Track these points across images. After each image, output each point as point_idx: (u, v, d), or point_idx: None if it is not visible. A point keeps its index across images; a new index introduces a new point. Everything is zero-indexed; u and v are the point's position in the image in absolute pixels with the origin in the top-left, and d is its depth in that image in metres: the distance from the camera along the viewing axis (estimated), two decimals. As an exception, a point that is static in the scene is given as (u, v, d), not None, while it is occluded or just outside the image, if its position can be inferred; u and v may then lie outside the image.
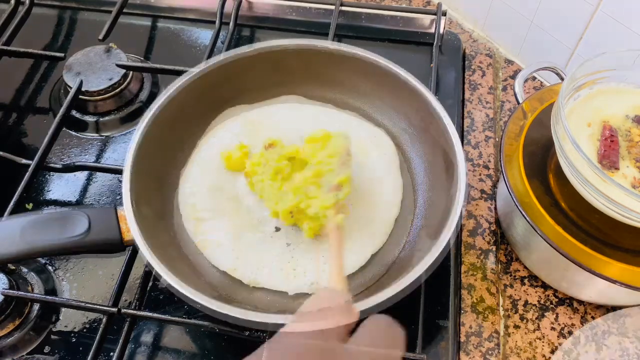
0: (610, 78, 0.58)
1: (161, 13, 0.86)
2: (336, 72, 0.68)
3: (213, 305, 0.49)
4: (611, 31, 0.66)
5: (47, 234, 0.53)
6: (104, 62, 0.76)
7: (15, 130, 0.75)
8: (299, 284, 0.57)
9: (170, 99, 0.62)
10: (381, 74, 0.65)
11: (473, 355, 0.57)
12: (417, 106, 0.63)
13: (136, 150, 0.59)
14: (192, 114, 0.66)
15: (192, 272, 0.58)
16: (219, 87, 0.67)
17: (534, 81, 0.78)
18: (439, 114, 0.60)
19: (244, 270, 0.58)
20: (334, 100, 0.70)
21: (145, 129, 0.60)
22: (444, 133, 0.60)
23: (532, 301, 0.61)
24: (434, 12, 0.79)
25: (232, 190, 0.63)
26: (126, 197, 0.55)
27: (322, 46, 0.67)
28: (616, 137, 0.54)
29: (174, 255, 0.57)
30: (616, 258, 0.52)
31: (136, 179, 0.57)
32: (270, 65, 0.68)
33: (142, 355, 0.57)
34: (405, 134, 0.67)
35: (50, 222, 0.54)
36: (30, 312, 0.59)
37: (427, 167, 0.64)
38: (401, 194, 0.63)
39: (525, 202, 0.55)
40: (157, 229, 0.58)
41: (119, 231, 0.55)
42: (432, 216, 0.60)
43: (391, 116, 0.68)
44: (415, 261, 0.52)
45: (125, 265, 0.58)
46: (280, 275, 0.58)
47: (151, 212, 0.58)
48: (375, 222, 0.61)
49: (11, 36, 0.77)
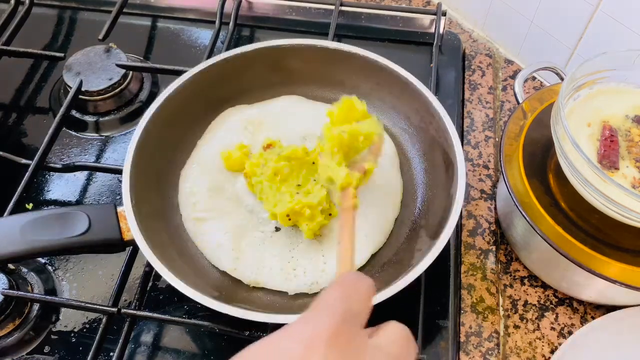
0: (610, 78, 0.58)
1: (161, 13, 0.86)
2: (336, 71, 0.68)
3: (213, 305, 0.49)
4: (611, 31, 0.66)
5: (47, 233, 0.53)
6: (103, 62, 0.76)
7: (15, 130, 0.75)
8: (298, 284, 0.57)
9: (170, 98, 0.63)
10: (381, 74, 0.65)
11: (473, 355, 0.57)
12: (417, 106, 0.63)
13: (136, 148, 0.59)
14: (192, 113, 0.66)
15: (193, 272, 0.57)
16: (219, 87, 0.67)
17: (534, 81, 0.78)
18: (439, 113, 0.60)
19: (243, 270, 0.58)
20: (333, 100, 0.69)
21: (146, 128, 0.60)
22: (443, 132, 0.60)
23: (532, 301, 0.61)
24: (434, 12, 0.79)
25: (232, 190, 0.63)
26: (126, 195, 0.55)
27: (322, 45, 0.67)
28: (616, 137, 0.54)
29: (173, 255, 0.57)
30: (616, 258, 0.52)
31: (136, 177, 0.57)
32: (270, 64, 0.68)
33: (142, 355, 0.57)
34: (405, 134, 0.67)
35: (51, 221, 0.54)
36: (30, 312, 0.59)
37: (427, 167, 0.64)
38: (401, 194, 0.64)
39: (525, 202, 0.55)
40: (157, 229, 0.58)
41: (119, 230, 0.55)
42: (431, 216, 0.60)
43: (391, 116, 0.68)
44: (415, 261, 0.53)
45: (125, 265, 0.58)
46: (281, 275, 0.58)
47: (151, 211, 0.58)
48: (375, 222, 0.61)
49: (11, 36, 0.77)
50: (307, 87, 0.70)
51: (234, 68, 0.66)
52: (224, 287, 0.58)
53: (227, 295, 0.56)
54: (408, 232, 0.61)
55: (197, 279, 0.56)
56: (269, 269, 0.58)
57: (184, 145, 0.66)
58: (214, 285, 0.57)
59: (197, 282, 0.55)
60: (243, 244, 0.59)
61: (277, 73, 0.69)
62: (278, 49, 0.67)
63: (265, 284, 0.58)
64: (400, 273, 0.52)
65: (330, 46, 0.67)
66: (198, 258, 0.60)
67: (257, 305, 0.56)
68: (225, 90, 0.67)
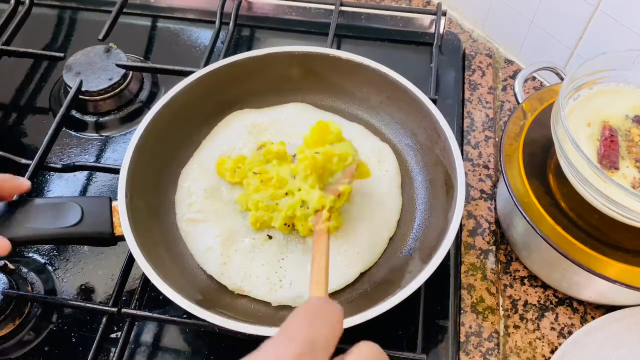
0: (610, 78, 0.58)
1: (161, 13, 0.86)
2: (347, 82, 0.67)
3: (191, 308, 0.49)
4: (611, 31, 0.66)
5: (40, 222, 0.53)
6: (103, 62, 0.76)
7: (15, 130, 0.75)
8: (283, 296, 0.56)
9: (177, 96, 0.62)
10: (392, 88, 0.64)
11: (473, 355, 0.57)
12: (424, 124, 0.62)
13: (139, 142, 0.59)
14: (198, 113, 0.66)
15: (180, 272, 0.57)
16: (228, 89, 0.66)
17: (534, 81, 0.78)
18: (445, 133, 0.59)
19: (230, 276, 0.57)
20: (342, 110, 0.69)
21: (150, 124, 0.60)
22: (448, 154, 0.59)
23: (532, 301, 0.61)
24: (434, 12, 0.79)
25: (229, 195, 0.63)
26: (121, 189, 0.55)
27: (334, 55, 0.66)
28: (616, 137, 0.54)
29: (163, 253, 0.57)
30: (616, 258, 0.52)
31: (134, 171, 0.57)
32: (281, 70, 0.67)
33: (142, 355, 0.57)
34: (410, 151, 0.66)
35: (44, 210, 0.53)
36: (30, 312, 0.59)
37: (428, 187, 0.63)
38: (398, 213, 0.62)
39: (525, 202, 0.55)
40: (149, 225, 0.58)
41: (110, 224, 0.54)
42: (427, 238, 0.59)
43: (398, 132, 0.67)
44: (403, 283, 0.51)
45: (125, 265, 0.58)
46: (266, 285, 0.57)
47: (145, 206, 0.58)
48: (368, 240, 0.60)
49: (11, 36, 0.78)
50: (316, 96, 0.69)
51: (244, 71, 0.66)
52: (209, 291, 0.57)
53: (212, 300, 0.56)
54: (401, 252, 0.60)
55: (184, 280, 0.56)
56: (256, 278, 0.57)
57: (188, 144, 0.66)
58: (200, 288, 0.57)
59: (182, 283, 0.54)
60: (232, 250, 0.59)
61: (288, 79, 0.68)
62: (290, 55, 0.66)
63: (250, 292, 0.57)
64: (388, 294, 0.50)
65: (343, 56, 0.65)
66: (187, 259, 0.59)
67: (240, 313, 0.55)
68: (234, 92, 0.67)
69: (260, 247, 0.59)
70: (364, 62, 0.65)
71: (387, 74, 0.64)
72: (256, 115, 0.68)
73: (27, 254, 0.64)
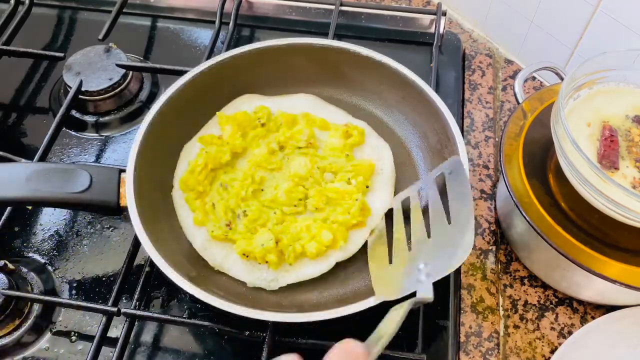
0: (610, 78, 0.58)
1: (161, 13, 0.86)
2: (365, 78, 0.67)
3: (185, 285, 0.50)
4: (611, 31, 0.66)
5: (50, 185, 0.54)
6: (103, 62, 0.76)
7: (15, 130, 0.75)
8: (259, 278, 0.57)
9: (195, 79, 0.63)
10: (409, 89, 0.64)
11: (473, 355, 0.57)
12: (437, 127, 0.62)
13: (154, 118, 0.60)
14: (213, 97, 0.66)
15: (179, 249, 0.58)
16: (244, 74, 0.67)
17: (534, 81, 0.78)
18: (455, 138, 0.58)
19: (212, 251, 0.58)
20: (355, 105, 0.69)
21: (169, 99, 0.61)
22: None
23: (532, 301, 0.61)
24: (434, 12, 0.79)
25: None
26: (131, 161, 0.56)
27: (354, 50, 0.65)
28: (616, 137, 0.54)
29: (164, 227, 0.58)
30: (616, 258, 0.52)
31: (145, 146, 0.58)
32: (296, 61, 0.68)
33: (142, 355, 0.57)
34: (419, 152, 0.65)
35: (55, 174, 0.55)
36: (30, 312, 0.59)
37: None
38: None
39: (525, 202, 0.55)
40: (154, 198, 0.59)
41: (117, 194, 0.55)
42: None
43: (409, 131, 0.66)
44: None
45: (125, 265, 0.58)
46: (245, 266, 0.57)
47: (152, 180, 0.59)
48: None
49: (11, 36, 0.78)
50: (325, 89, 0.69)
51: (259, 60, 0.66)
52: (200, 268, 0.57)
53: (205, 277, 0.56)
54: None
55: (182, 257, 0.56)
56: (236, 257, 0.58)
57: (199, 122, 0.66)
58: (193, 264, 0.57)
59: (180, 260, 0.55)
60: None
61: (300, 70, 0.68)
62: (310, 47, 0.66)
63: (229, 270, 0.57)
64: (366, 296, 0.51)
65: (363, 52, 0.65)
66: (183, 233, 0.60)
67: (219, 289, 0.55)
68: (248, 78, 0.67)
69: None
70: (383, 60, 0.65)
71: (406, 75, 0.64)
72: (263, 101, 0.68)
73: (27, 254, 0.64)
